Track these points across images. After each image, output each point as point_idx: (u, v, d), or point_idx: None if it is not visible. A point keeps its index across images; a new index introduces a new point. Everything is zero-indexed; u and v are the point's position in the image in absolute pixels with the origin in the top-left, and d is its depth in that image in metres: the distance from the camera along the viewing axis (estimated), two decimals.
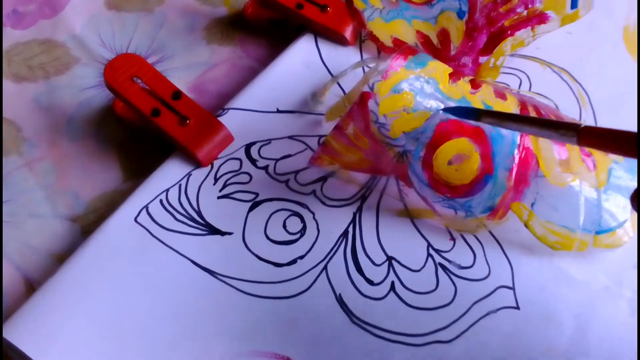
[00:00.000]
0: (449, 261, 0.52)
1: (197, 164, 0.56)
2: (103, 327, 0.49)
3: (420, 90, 0.50)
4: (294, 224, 0.54)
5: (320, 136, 0.58)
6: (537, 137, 0.49)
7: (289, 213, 0.54)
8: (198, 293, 0.51)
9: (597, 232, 0.52)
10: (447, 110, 0.49)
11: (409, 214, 0.54)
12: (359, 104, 0.49)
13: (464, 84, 0.52)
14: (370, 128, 0.51)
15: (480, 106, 0.51)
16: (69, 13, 0.69)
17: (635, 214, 0.52)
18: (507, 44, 0.59)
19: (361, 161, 0.52)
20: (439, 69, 0.52)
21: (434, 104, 0.50)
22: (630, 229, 0.52)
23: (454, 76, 0.52)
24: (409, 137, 0.50)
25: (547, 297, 0.51)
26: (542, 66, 0.64)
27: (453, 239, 0.54)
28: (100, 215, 0.56)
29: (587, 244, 0.52)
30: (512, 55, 0.62)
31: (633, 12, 0.67)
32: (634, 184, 0.52)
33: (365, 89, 0.49)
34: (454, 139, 0.50)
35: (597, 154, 0.52)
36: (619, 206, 0.52)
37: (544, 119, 0.47)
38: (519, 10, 0.58)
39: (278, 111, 0.59)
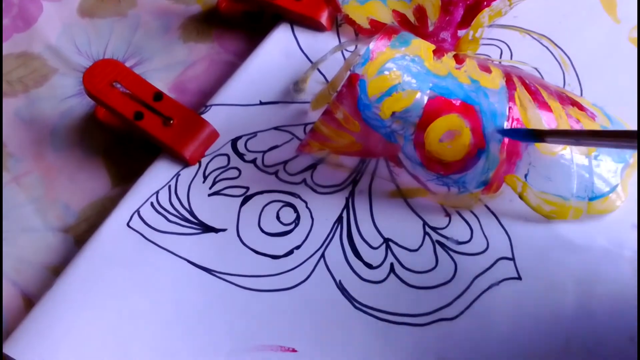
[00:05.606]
0: (446, 238, 0.52)
1: (185, 163, 0.56)
2: (105, 335, 0.48)
3: (406, 68, 0.49)
4: (288, 215, 0.53)
5: (306, 124, 0.57)
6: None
7: (282, 204, 0.54)
8: (198, 293, 0.50)
9: (591, 199, 0.52)
10: (504, 133, 0.50)
11: (402, 194, 0.54)
12: (347, 86, 0.49)
13: (448, 60, 0.52)
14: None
15: (467, 81, 0.50)
16: (42, 24, 0.68)
17: (626, 178, 0.53)
18: (484, 15, 0.58)
19: (352, 144, 0.52)
20: (423, 47, 0.52)
21: (421, 82, 0.50)
22: (622, 193, 0.53)
23: (438, 53, 0.52)
24: (397, 117, 0.50)
25: (548, 265, 0.51)
26: (521, 34, 0.63)
27: (448, 215, 0.53)
28: (92, 224, 0.56)
29: (582, 211, 0.52)
30: (490, 26, 0.62)
31: None
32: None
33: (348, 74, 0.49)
34: (444, 115, 0.49)
35: (584, 120, 0.52)
36: (610, 171, 0.52)
37: (603, 130, 0.50)
38: None
39: (261, 103, 0.59)
